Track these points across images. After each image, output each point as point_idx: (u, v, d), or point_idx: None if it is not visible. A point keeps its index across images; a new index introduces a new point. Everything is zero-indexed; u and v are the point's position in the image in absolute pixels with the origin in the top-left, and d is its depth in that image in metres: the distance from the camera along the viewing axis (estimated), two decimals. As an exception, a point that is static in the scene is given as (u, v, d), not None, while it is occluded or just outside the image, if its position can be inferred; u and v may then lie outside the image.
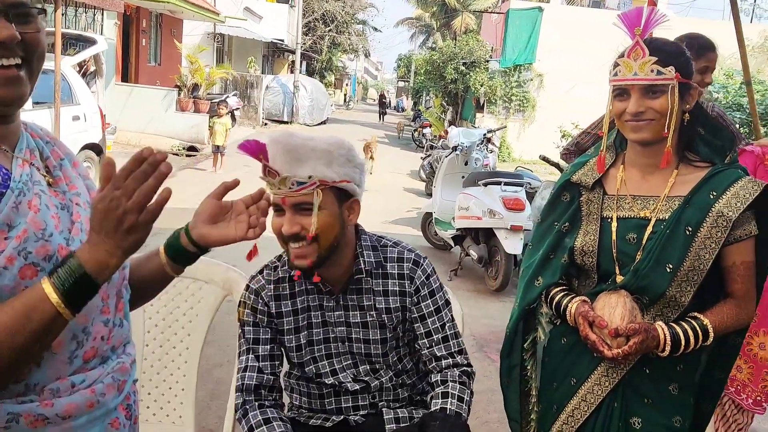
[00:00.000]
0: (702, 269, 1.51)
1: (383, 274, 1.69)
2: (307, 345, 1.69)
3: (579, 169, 1.72)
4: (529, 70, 18.44)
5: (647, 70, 1.49)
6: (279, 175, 1.49)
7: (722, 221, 1.49)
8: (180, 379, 1.98)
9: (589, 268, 1.63)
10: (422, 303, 1.70)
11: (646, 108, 1.51)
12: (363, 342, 1.69)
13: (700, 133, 1.60)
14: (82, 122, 8.43)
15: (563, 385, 1.68)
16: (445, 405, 1.64)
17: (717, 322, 1.52)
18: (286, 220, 1.52)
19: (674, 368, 1.58)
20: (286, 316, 1.68)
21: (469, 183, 6.19)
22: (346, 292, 1.68)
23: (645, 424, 1.58)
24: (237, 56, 24.02)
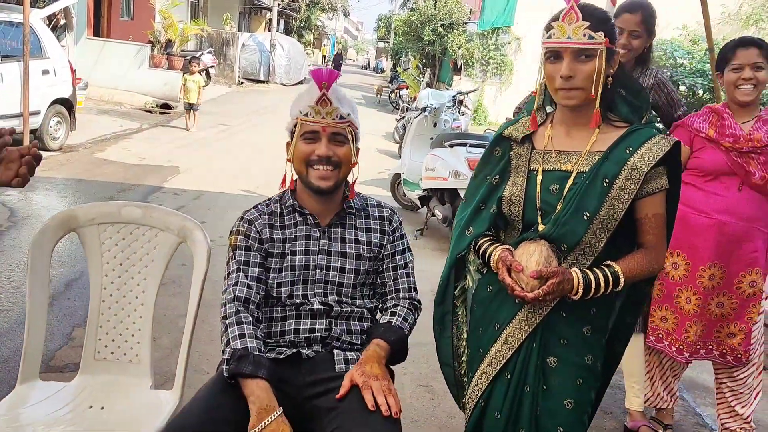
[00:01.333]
0: (616, 218, 1.65)
1: (365, 215, 1.98)
2: (288, 269, 1.87)
3: (511, 125, 1.84)
4: (507, 33, 18.39)
5: (580, 34, 1.59)
6: (331, 105, 1.80)
7: (635, 174, 1.63)
8: (137, 320, 2.09)
9: (515, 218, 1.76)
10: (396, 242, 1.99)
11: (577, 72, 1.62)
12: (339, 270, 1.89)
13: (621, 94, 1.72)
14: (51, 76, 8.33)
15: (488, 330, 1.82)
16: (391, 320, 1.90)
17: (627, 269, 1.66)
18: (323, 144, 1.81)
19: (588, 312, 1.73)
20: (276, 242, 1.88)
21: (437, 144, 6.30)
22: (331, 225, 1.92)
23: (560, 363, 1.73)
24: (213, 12, 23.57)
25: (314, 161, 1.82)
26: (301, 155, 1.83)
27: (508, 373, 1.76)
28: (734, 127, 2.55)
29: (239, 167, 8.55)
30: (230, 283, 1.84)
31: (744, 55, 2.49)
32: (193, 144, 10.04)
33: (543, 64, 1.70)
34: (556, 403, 1.71)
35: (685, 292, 2.68)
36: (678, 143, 1.67)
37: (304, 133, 1.82)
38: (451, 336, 2.00)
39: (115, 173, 7.45)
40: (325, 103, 1.81)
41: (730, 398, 2.79)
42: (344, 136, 1.85)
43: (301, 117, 1.83)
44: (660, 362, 2.95)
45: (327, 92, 1.80)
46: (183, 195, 6.79)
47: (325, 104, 1.81)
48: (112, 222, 2.09)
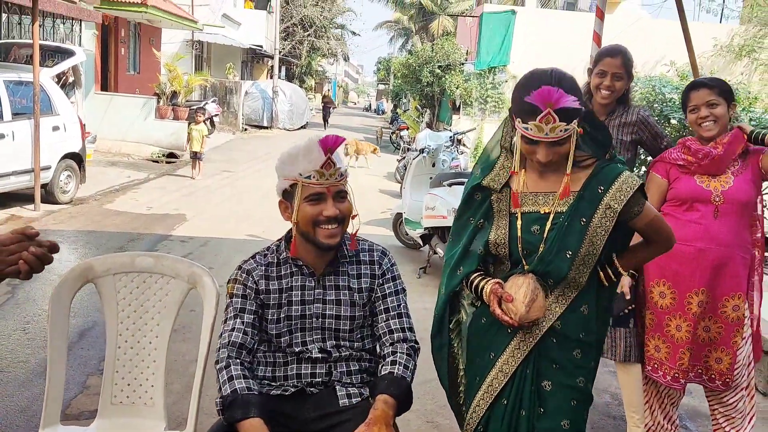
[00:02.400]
0: (595, 253, 1.79)
1: (357, 260, 2.05)
2: (285, 319, 1.96)
3: (487, 173, 1.95)
4: (504, 71, 18.79)
5: (557, 131, 1.72)
6: (334, 167, 1.88)
7: (610, 213, 1.78)
8: (151, 365, 2.21)
9: (503, 257, 1.90)
10: (386, 285, 2.05)
11: (554, 155, 1.77)
12: (335, 318, 1.97)
13: (586, 129, 1.85)
14: (61, 132, 8.60)
15: (483, 359, 1.94)
16: (393, 371, 1.93)
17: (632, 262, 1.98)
18: (329, 205, 1.89)
19: (578, 336, 1.85)
20: (273, 293, 1.96)
21: (436, 184, 6.47)
22: (325, 274, 2.00)
23: (554, 386, 1.85)
24: (216, 63, 24.16)
25: (322, 221, 1.89)
26: (307, 217, 1.89)
27: (504, 399, 1.88)
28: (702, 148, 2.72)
29: (244, 212, 8.73)
30: (226, 328, 1.94)
31: (696, 96, 2.69)
32: (199, 191, 10.26)
33: (518, 142, 1.82)
34: (553, 423, 1.83)
35: (674, 320, 2.78)
36: (642, 184, 1.82)
37: (308, 196, 1.89)
38: (448, 366, 2.11)
39: (124, 223, 7.63)
40: (330, 166, 1.88)
41: (724, 423, 2.86)
42: (345, 191, 1.95)
43: (302, 180, 1.88)
44: (658, 391, 3.03)
45: (332, 156, 1.87)
46: (190, 242, 6.95)
47: (330, 167, 1.88)
48: (126, 272, 2.23)
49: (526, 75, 1.81)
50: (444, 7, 37.63)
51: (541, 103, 1.67)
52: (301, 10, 30.35)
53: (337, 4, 34.65)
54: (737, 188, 2.67)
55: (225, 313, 1.98)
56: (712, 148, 2.69)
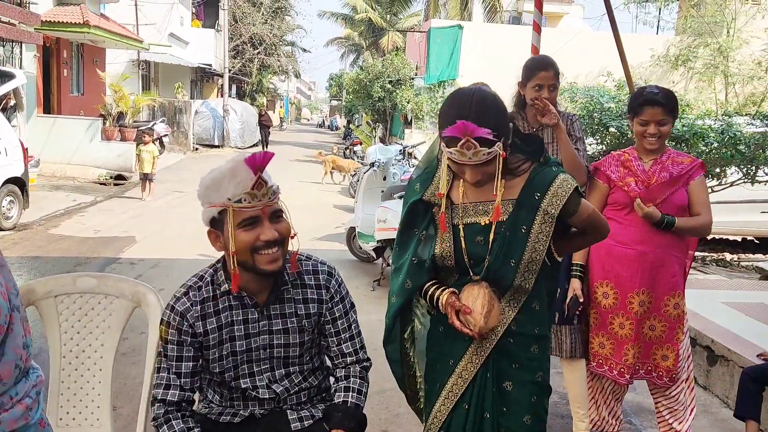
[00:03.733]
0: (538, 260, 1.86)
1: (302, 284, 1.92)
2: (229, 356, 1.86)
3: (427, 188, 1.97)
4: (453, 85, 19.07)
5: (480, 156, 1.76)
6: (266, 185, 1.74)
7: (548, 218, 1.84)
8: (96, 386, 2.18)
9: (450, 268, 1.94)
10: (335, 308, 1.96)
11: (482, 174, 1.81)
12: (283, 347, 1.89)
13: (516, 143, 1.91)
14: (2, 156, 8.36)
15: (443, 366, 1.97)
16: (347, 398, 1.94)
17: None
18: (267, 228, 1.74)
19: (532, 332, 1.91)
20: (211, 333, 1.83)
21: (387, 197, 6.53)
22: (270, 303, 1.87)
23: (515, 385, 1.90)
24: (164, 82, 23.84)
25: (260, 247, 1.75)
26: (244, 245, 1.74)
27: (465, 404, 1.92)
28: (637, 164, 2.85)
29: (195, 232, 8.57)
30: (161, 382, 1.83)
31: (650, 113, 2.77)
32: (149, 213, 10.09)
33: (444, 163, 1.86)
34: (516, 421, 1.89)
35: (617, 318, 2.89)
36: (577, 188, 1.88)
37: (242, 221, 1.73)
38: (403, 374, 2.14)
39: (70, 248, 7.45)
40: (261, 186, 1.72)
41: (668, 416, 2.98)
42: (281, 210, 1.81)
43: (232, 204, 1.72)
44: (602, 387, 3.14)
45: (262, 174, 1.73)
46: (140, 264, 6.83)
47: (261, 187, 1.73)
48: (68, 293, 2.20)
49: (447, 99, 1.86)
50: (393, 23, 38.06)
51: (460, 134, 1.72)
52: (250, 28, 30.22)
53: (286, 22, 34.63)
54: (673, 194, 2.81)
55: (158, 359, 1.88)
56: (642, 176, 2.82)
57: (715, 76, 16.49)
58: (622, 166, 2.89)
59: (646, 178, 2.82)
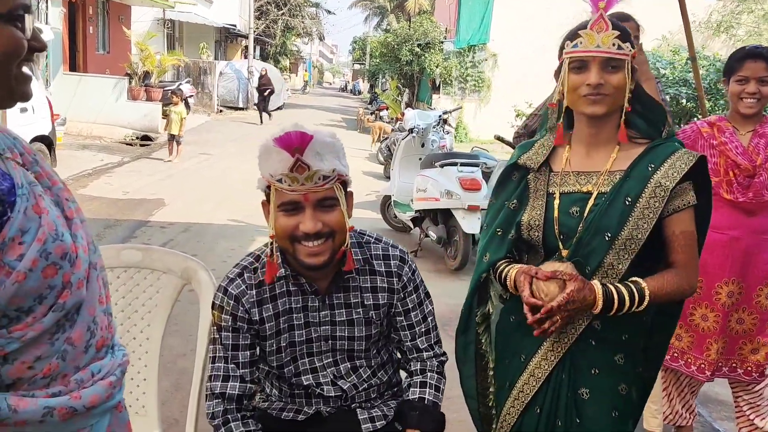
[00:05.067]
0: (640, 239, 1.57)
1: (371, 270, 1.68)
2: (287, 347, 1.66)
3: (525, 152, 1.77)
4: (484, 50, 18.57)
5: (609, 43, 1.54)
6: (309, 169, 1.46)
7: (660, 191, 1.56)
8: (141, 370, 1.98)
9: (536, 242, 1.69)
10: (407, 298, 1.72)
11: (606, 80, 1.56)
12: (347, 339, 1.68)
13: (638, 110, 1.66)
14: (30, 114, 8.18)
15: (513, 362, 1.74)
16: (423, 394, 1.71)
17: (656, 287, 1.55)
18: (309, 217, 1.48)
19: (620, 338, 1.65)
20: (268, 321, 1.63)
21: (426, 165, 6.26)
22: (332, 291, 1.65)
23: (593, 393, 1.64)
24: (188, 42, 23.53)
25: (301, 237, 1.50)
26: (283, 231, 1.51)
27: (537, 407, 1.68)
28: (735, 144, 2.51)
29: (225, 196, 8.44)
30: (218, 374, 1.63)
31: (751, 68, 2.43)
32: (177, 175, 9.92)
33: (565, 75, 1.62)
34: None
35: (699, 309, 2.62)
36: (703, 158, 1.61)
37: (282, 204, 1.50)
38: (475, 367, 1.91)
39: (99, 209, 7.31)
40: (303, 169, 1.46)
41: (748, 412, 2.73)
42: (333, 198, 1.51)
43: (275, 182, 1.49)
44: (677, 379, 2.89)
45: (302, 157, 1.45)
46: (170, 228, 6.66)
47: (303, 170, 1.46)
48: (111, 267, 1.98)
49: None
50: (421, -15, 37.17)
51: (594, 3, 1.55)
52: (276, -12, 29.70)
53: (311, -18, 34.01)
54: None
55: (212, 348, 1.66)
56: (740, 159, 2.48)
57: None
58: (710, 147, 2.56)
59: (748, 160, 2.49)
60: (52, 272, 1.02)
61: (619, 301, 1.53)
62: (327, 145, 1.49)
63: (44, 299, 1.02)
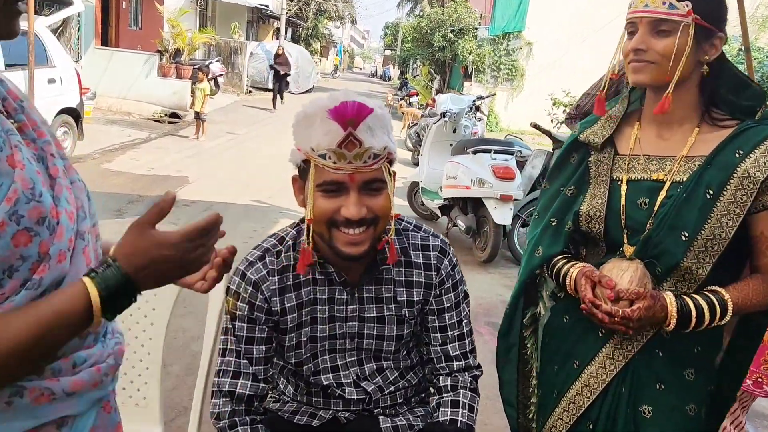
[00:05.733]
0: (723, 238, 1.33)
1: (407, 262, 1.48)
2: (308, 342, 1.47)
3: (588, 127, 1.55)
4: (519, 38, 18.15)
5: (659, 1, 1.32)
6: (360, 146, 1.25)
7: (748, 183, 1.32)
8: (144, 357, 1.80)
9: (596, 236, 1.47)
10: (444, 296, 1.51)
11: (649, 47, 1.34)
12: (375, 338, 1.49)
13: (721, 94, 1.42)
14: (58, 85, 8.13)
15: (564, 368, 1.53)
16: (456, 416, 1.49)
17: (740, 298, 1.34)
18: (353, 201, 1.28)
19: (691, 351, 1.42)
20: (290, 313, 1.43)
21: (458, 151, 6.01)
22: (363, 283, 1.46)
23: (657, 412, 1.42)
24: (220, 21, 23.44)
25: (341, 222, 1.30)
26: (321, 214, 1.31)
27: (590, 422, 1.47)
28: None
29: (249, 176, 8.29)
30: (228, 369, 1.44)
31: None
32: (202, 153, 9.81)
33: (621, 40, 1.43)
34: None
35: None
36: None
37: (323, 183, 1.29)
38: (517, 373, 1.71)
39: (123, 184, 7.20)
40: (353, 145, 1.25)
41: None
42: (380, 180, 1.30)
43: (316, 158, 1.27)
44: None
45: (354, 131, 1.25)
46: (193, 206, 6.53)
47: (353, 146, 1.25)
48: (112, 242, 1.81)
49: None
50: (456, -29, 36.62)
51: None
52: (309, -30, 29.46)
53: (345, -35, 33.68)
54: None
55: (224, 339, 1.47)
56: None
57: (808, 42, 15.22)
58: None
59: None
60: (24, 240, 0.86)
61: (698, 316, 1.32)
62: (377, 117, 1.28)
63: (15, 272, 0.86)
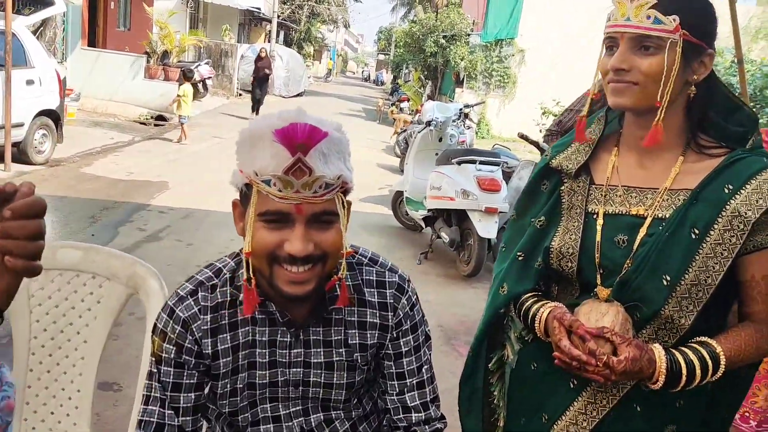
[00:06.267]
0: (710, 284, 1.18)
1: (360, 301, 1.31)
2: (245, 389, 1.29)
3: (561, 151, 1.39)
4: (511, 45, 18.08)
5: (642, 15, 1.16)
6: (310, 174, 1.09)
7: (738, 223, 1.17)
8: (73, 395, 1.64)
9: (569, 275, 1.32)
10: (402, 339, 1.33)
11: (631, 66, 1.18)
12: (323, 386, 1.32)
13: (711, 117, 1.26)
14: (37, 87, 7.93)
15: (532, 422, 1.37)
16: None
17: (732, 350, 1.18)
18: (299, 235, 1.11)
19: (673, 405, 1.27)
20: (223, 356, 1.25)
21: (443, 161, 5.85)
22: (309, 324, 1.28)
23: None
24: (212, 24, 23.27)
25: (283, 258, 1.13)
26: (262, 248, 1.13)
27: None
28: None
29: (233, 183, 8.12)
30: (150, 420, 1.25)
31: None
32: (186, 158, 9.61)
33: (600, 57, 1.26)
34: None
35: None
36: None
37: (265, 213, 1.12)
38: (483, 422, 1.54)
39: (99, 189, 7.01)
40: (302, 173, 1.09)
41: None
42: (332, 213, 1.14)
43: (259, 183, 1.10)
44: None
45: (304, 157, 1.08)
46: (170, 213, 6.35)
47: (302, 174, 1.09)
48: (45, 268, 1.64)
49: None
50: (450, -23, 36.63)
51: None
52: (303, -27, 29.33)
53: (339, -31, 33.59)
54: None
55: (147, 386, 1.27)
56: None
57: (800, 53, 15.22)
58: None
59: None
60: None
61: (688, 374, 1.16)
62: (333, 142, 1.12)
63: None
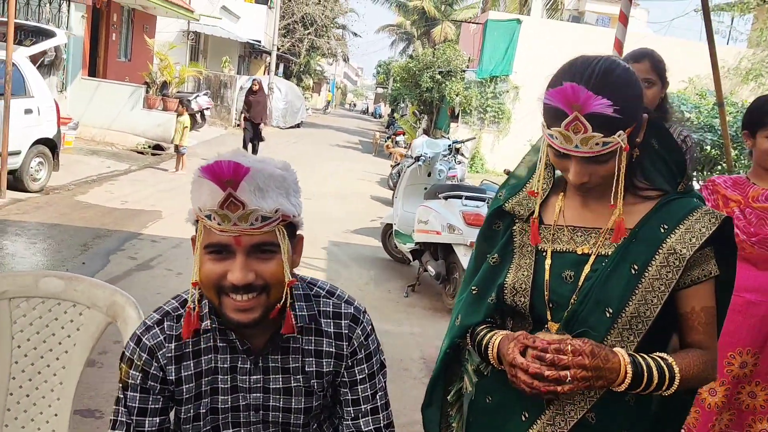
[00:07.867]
0: (648, 317, 1.27)
1: (317, 330, 1.40)
2: (208, 414, 1.38)
3: (514, 195, 1.48)
4: (506, 81, 18.36)
5: (591, 145, 1.22)
6: (244, 208, 1.19)
7: (674, 260, 1.26)
8: (51, 419, 1.71)
9: (522, 309, 1.40)
10: (356, 367, 1.43)
11: (590, 175, 1.27)
12: (282, 411, 1.40)
13: (654, 147, 1.36)
14: (35, 116, 8.06)
15: None
16: None
17: (684, 367, 1.26)
18: (239, 265, 1.21)
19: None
20: (186, 383, 1.35)
21: (430, 195, 5.97)
22: (268, 352, 1.37)
23: None
24: (212, 55, 23.64)
25: (227, 288, 1.23)
26: (207, 279, 1.24)
27: None
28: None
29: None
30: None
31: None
32: (181, 187, 9.71)
33: (547, 151, 1.34)
34: None
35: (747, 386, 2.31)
36: (729, 219, 1.31)
37: (209, 245, 1.22)
38: None
39: (93, 218, 7.09)
40: (236, 207, 1.18)
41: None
42: (271, 244, 1.23)
43: (203, 218, 1.22)
44: None
45: (235, 192, 1.17)
46: (162, 242, 6.42)
47: (236, 208, 1.18)
48: (27, 296, 1.72)
49: (568, 61, 1.30)
50: (447, 14, 37.33)
51: (565, 104, 1.19)
52: (303, 7, 29.89)
53: (339, 4, 34.23)
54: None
55: (114, 411, 1.36)
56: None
57: (789, 95, 15.51)
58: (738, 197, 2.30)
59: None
60: None
61: (648, 377, 1.23)
62: (273, 178, 1.22)
63: None
